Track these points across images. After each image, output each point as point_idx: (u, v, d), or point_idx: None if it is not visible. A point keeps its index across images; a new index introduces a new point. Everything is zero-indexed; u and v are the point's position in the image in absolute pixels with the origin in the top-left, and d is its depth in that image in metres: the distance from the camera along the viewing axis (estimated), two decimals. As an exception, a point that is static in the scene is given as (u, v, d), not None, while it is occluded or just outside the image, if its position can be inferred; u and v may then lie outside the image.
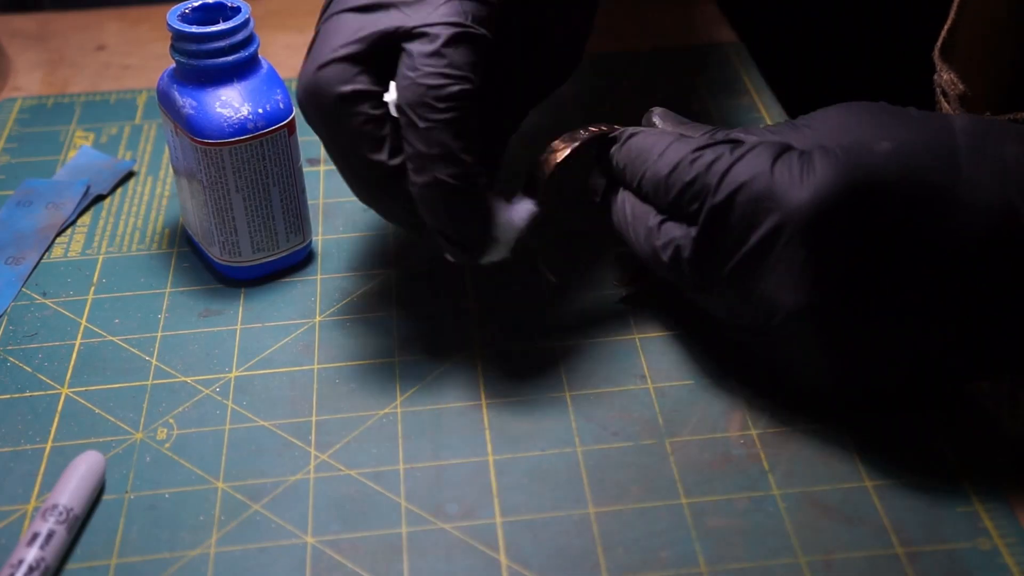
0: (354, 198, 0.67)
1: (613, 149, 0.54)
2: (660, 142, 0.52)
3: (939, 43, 0.56)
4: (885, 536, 0.48)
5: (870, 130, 0.48)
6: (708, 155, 0.50)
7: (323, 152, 0.71)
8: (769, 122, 0.72)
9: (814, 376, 0.51)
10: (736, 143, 0.50)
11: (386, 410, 0.55)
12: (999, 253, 0.47)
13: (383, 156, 0.52)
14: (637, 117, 0.61)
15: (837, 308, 0.48)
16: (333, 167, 0.69)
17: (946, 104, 0.56)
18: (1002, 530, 0.48)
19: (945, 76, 0.55)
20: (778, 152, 0.48)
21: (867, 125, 0.49)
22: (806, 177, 0.47)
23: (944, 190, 0.47)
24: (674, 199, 0.50)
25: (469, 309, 0.60)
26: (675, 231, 0.51)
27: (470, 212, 0.52)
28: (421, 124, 0.50)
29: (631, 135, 0.54)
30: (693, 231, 0.50)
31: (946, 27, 0.55)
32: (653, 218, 0.52)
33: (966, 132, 0.48)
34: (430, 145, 0.50)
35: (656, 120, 0.55)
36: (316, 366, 0.57)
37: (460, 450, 0.53)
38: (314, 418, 0.54)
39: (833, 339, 0.48)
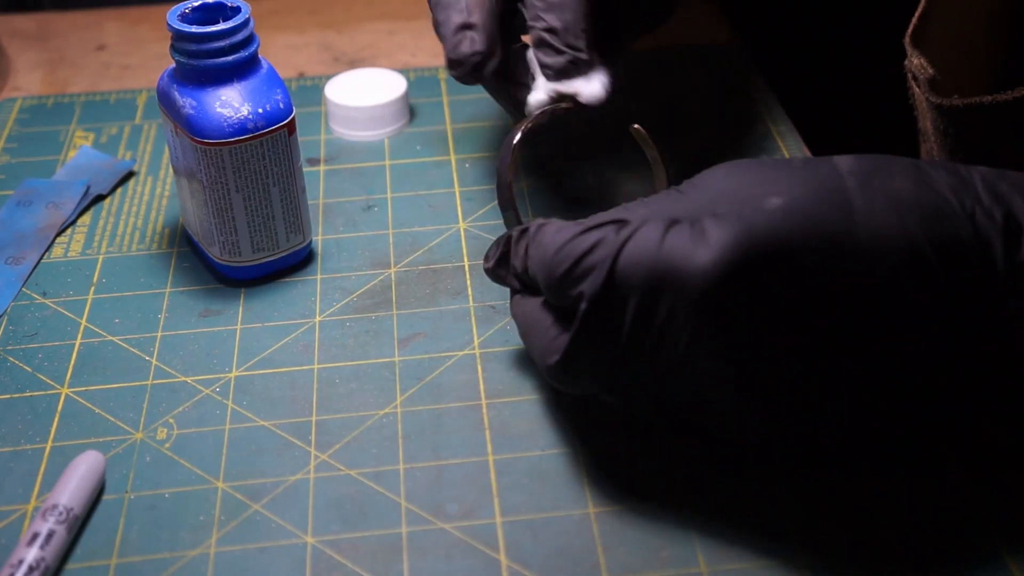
0: (354, 198, 0.67)
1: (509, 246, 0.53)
2: (553, 228, 0.49)
3: (910, 29, 0.56)
4: (885, 536, 0.48)
5: (757, 187, 0.47)
6: (593, 236, 0.47)
7: (323, 152, 0.71)
8: (768, 122, 0.71)
9: (744, 436, 0.49)
10: (621, 223, 0.47)
11: (386, 410, 0.55)
12: (910, 292, 0.45)
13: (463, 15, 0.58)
14: (637, 117, 0.61)
15: (752, 374, 0.46)
16: (333, 167, 0.70)
17: (917, 89, 0.56)
18: (1002, 530, 0.48)
19: (915, 61, 0.55)
20: (667, 226, 0.46)
21: (753, 182, 0.47)
22: (700, 248, 0.45)
23: (842, 236, 0.45)
24: (557, 283, 0.48)
25: (469, 309, 0.60)
26: (561, 338, 0.48)
27: (582, 11, 0.56)
28: None
29: (530, 229, 0.51)
30: (570, 330, 0.47)
31: (917, 13, 0.56)
32: (547, 318, 0.50)
33: (853, 172, 0.47)
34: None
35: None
36: (316, 366, 0.57)
37: (460, 450, 0.53)
38: (314, 418, 0.54)
39: (747, 396, 0.47)
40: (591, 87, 0.58)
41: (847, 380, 0.46)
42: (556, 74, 0.57)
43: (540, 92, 0.58)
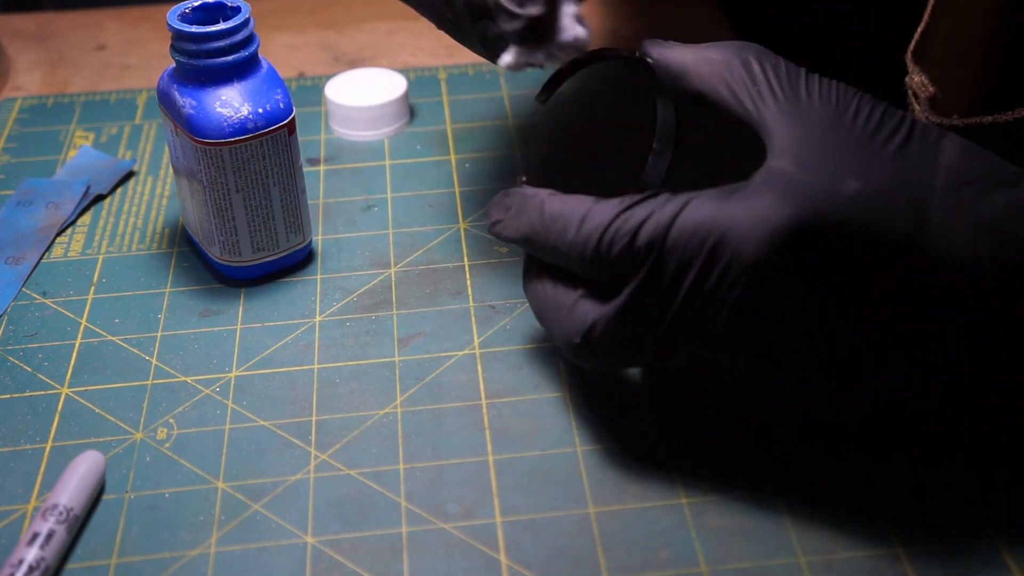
0: (354, 197, 0.67)
1: (501, 228, 0.52)
2: (578, 206, 0.49)
3: (912, 46, 0.56)
4: (885, 536, 0.48)
5: (840, 162, 0.46)
6: (643, 209, 0.47)
7: (323, 152, 0.71)
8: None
9: (764, 409, 0.50)
10: (671, 195, 0.47)
11: (386, 410, 0.55)
12: (962, 311, 0.45)
13: None
14: (637, 117, 0.61)
15: (788, 346, 0.46)
16: (333, 167, 0.70)
17: (916, 106, 0.56)
18: (1002, 530, 0.48)
19: (916, 79, 0.55)
20: (728, 192, 0.46)
21: (838, 153, 0.46)
22: (758, 216, 0.45)
23: (909, 238, 0.45)
24: (614, 260, 0.47)
25: (469, 309, 0.60)
26: (590, 310, 0.48)
27: None
28: None
29: (542, 199, 0.50)
30: (615, 303, 0.48)
31: (919, 30, 0.55)
32: (569, 297, 0.49)
33: (951, 171, 0.46)
34: None
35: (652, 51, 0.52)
36: (316, 366, 0.57)
37: (460, 450, 0.53)
38: (314, 418, 0.54)
39: (782, 377, 0.47)
40: (563, 38, 0.52)
41: (876, 370, 0.47)
42: (518, 40, 0.52)
43: (508, 56, 0.53)
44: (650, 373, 0.54)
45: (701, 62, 0.50)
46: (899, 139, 0.47)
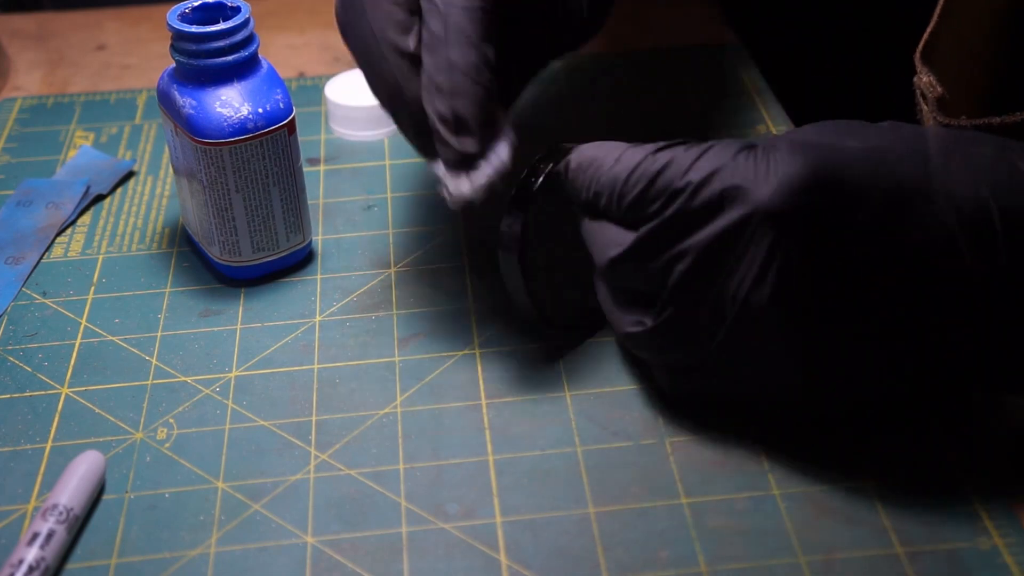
0: (354, 197, 0.67)
1: (564, 165, 0.53)
2: (613, 149, 0.51)
3: (920, 46, 0.56)
4: (885, 536, 0.48)
5: (837, 134, 0.48)
6: (667, 154, 0.49)
7: (323, 152, 0.71)
8: (768, 122, 0.71)
9: (779, 391, 0.50)
10: (694, 144, 0.49)
11: (386, 410, 0.55)
12: (971, 248, 0.46)
13: (408, 42, 0.52)
14: (637, 117, 0.61)
15: (805, 305, 0.47)
16: (333, 167, 0.70)
17: (924, 106, 0.56)
18: (1002, 530, 0.48)
19: (924, 79, 0.55)
20: (741, 147, 0.48)
21: (834, 131, 0.49)
22: (773, 168, 0.46)
23: (915, 183, 0.47)
24: (633, 200, 0.49)
25: (469, 309, 0.60)
26: (624, 237, 0.50)
27: (477, 101, 0.51)
28: (441, 6, 0.51)
29: (578, 149, 0.53)
30: (637, 235, 0.49)
31: (928, 30, 0.56)
32: (607, 231, 0.51)
33: (938, 136, 0.48)
34: (447, 27, 0.51)
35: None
36: (316, 366, 0.57)
37: (460, 450, 0.53)
38: (314, 418, 0.54)
39: (800, 341, 0.48)
40: (475, 181, 0.53)
41: (897, 333, 0.47)
42: (448, 166, 0.53)
43: (438, 169, 0.54)
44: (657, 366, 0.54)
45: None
46: (885, 124, 0.50)
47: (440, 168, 0.53)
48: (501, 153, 0.53)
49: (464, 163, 0.52)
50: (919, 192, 0.46)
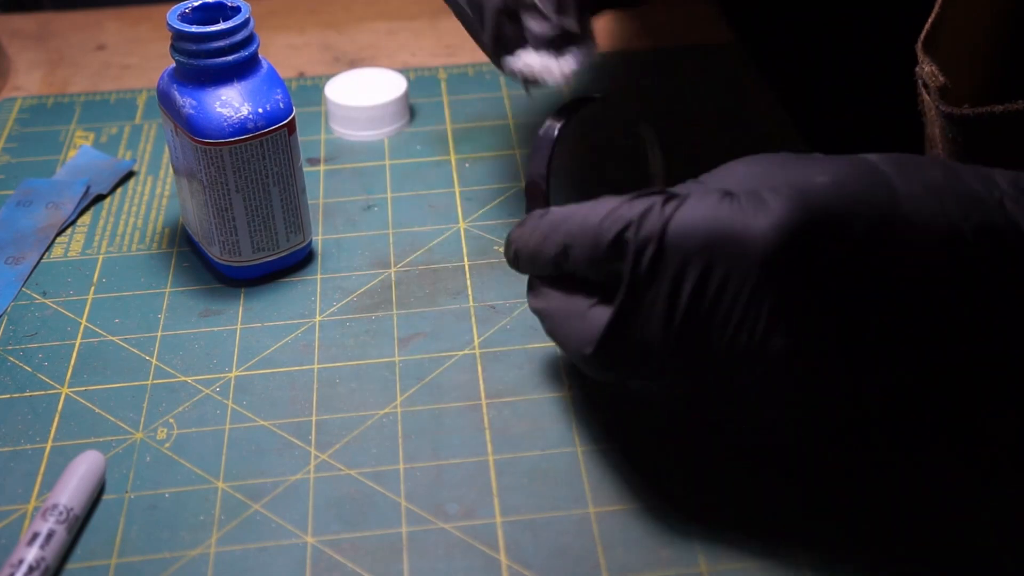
0: (354, 197, 0.67)
1: (517, 235, 0.51)
2: (582, 206, 0.49)
3: (922, 35, 0.56)
4: (885, 536, 0.48)
5: (796, 170, 0.47)
6: (641, 203, 0.46)
7: (323, 152, 0.71)
8: (768, 122, 0.71)
9: (772, 428, 0.49)
10: (667, 194, 0.47)
11: (386, 410, 0.55)
12: (949, 271, 0.46)
13: None
14: (644, 116, 0.61)
15: (809, 347, 0.46)
16: (333, 167, 0.70)
17: (927, 96, 0.56)
18: (1001, 531, 0.48)
19: (927, 68, 0.55)
20: (722, 194, 0.46)
21: (788, 167, 0.47)
22: (760, 214, 0.45)
23: (889, 211, 0.46)
24: (610, 244, 0.46)
25: (469, 309, 0.60)
26: (601, 316, 0.47)
27: None
28: None
29: (549, 210, 0.50)
30: (617, 299, 0.46)
31: (930, 20, 0.56)
32: (582, 305, 0.48)
33: (885, 163, 0.47)
34: None
35: None
36: (316, 366, 0.57)
37: (460, 450, 0.53)
38: (314, 418, 0.54)
39: (803, 380, 0.46)
40: (564, 66, 0.54)
41: (886, 363, 0.47)
42: (540, 43, 0.53)
43: (520, 60, 0.54)
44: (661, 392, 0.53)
45: None
46: (822, 155, 0.48)
47: (522, 59, 0.54)
48: (590, 47, 0.54)
49: (558, 43, 0.53)
50: (894, 217, 0.46)
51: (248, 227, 0.60)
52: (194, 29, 0.57)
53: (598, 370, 0.48)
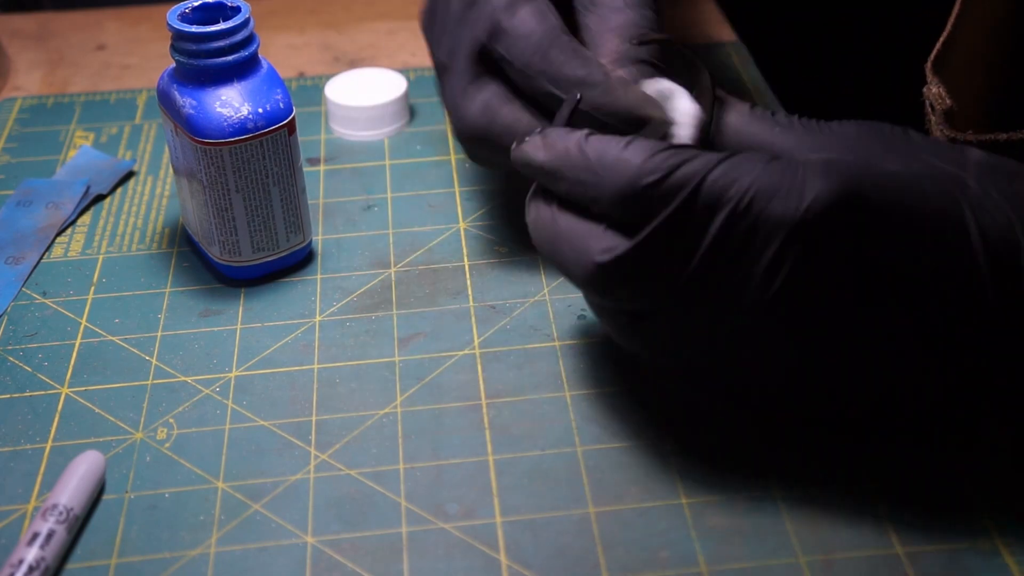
0: (354, 197, 0.67)
1: (532, 149, 0.51)
2: (622, 139, 0.48)
3: (932, 56, 0.55)
4: (885, 536, 0.48)
5: (878, 153, 0.47)
6: (686, 151, 0.47)
7: (323, 152, 0.71)
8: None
9: (766, 398, 0.50)
10: (714, 151, 0.47)
11: (386, 410, 0.55)
12: (996, 287, 0.45)
13: None
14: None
15: (819, 320, 0.46)
16: (333, 167, 0.70)
17: (932, 117, 0.56)
18: (1002, 530, 0.48)
19: (934, 90, 0.55)
20: (770, 157, 0.46)
21: (876, 149, 0.47)
22: (802, 181, 0.45)
23: (948, 214, 0.45)
24: (643, 189, 0.46)
25: (469, 309, 0.60)
26: (616, 241, 0.47)
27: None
28: None
29: (585, 132, 0.50)
30: (642, 233, 0.46)
31: (941, 40, 0.55)
32: (591, 227, 0.48)
33: (979, 164, 0.47)
34: None
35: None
36: (316, 366, 0.57)
37: (460, 450, 0.53)
38: (314, 418, 0.54)
39: (796, 350, 0.47)
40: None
41: (899, 355, 0.47)
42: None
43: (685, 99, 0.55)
44: (658, 363, 0.53)
45: (726, 110, 0.51)
46: (928, 143, 0.48)
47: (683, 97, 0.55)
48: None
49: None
50: (951, 222, 0.45)
51: (248, 227, 0.60)
52: (194, 29, 0.57)
53: (602, 287, 0.48)
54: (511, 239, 0.63)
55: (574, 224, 0.49)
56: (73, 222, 0.67)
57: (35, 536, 0.48)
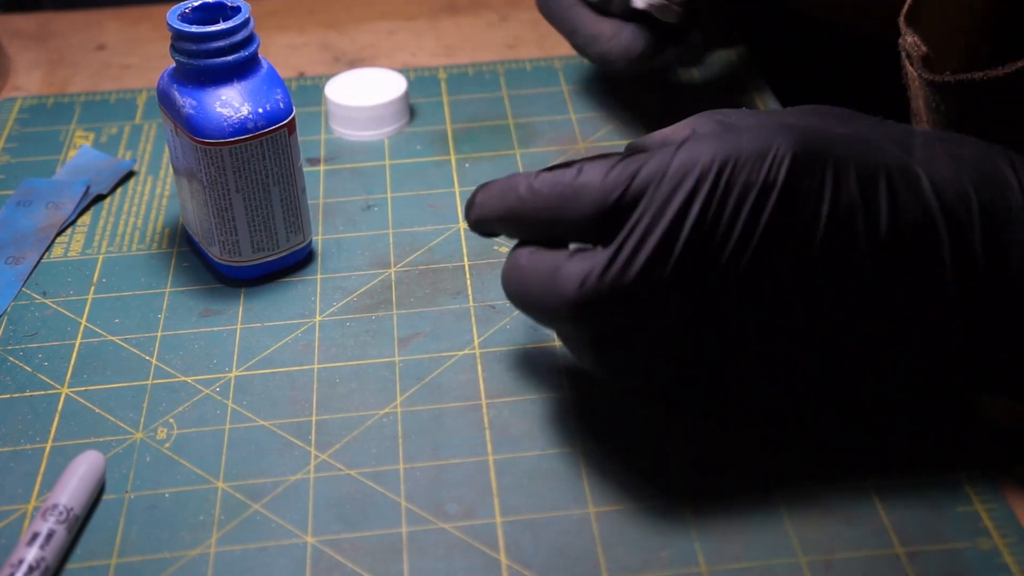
0: (354, 197, 0.67)
1: (482, 206, 0.51)
2: (569, 168, 0.48)
3: (905, 9, 0.56)
4: (885, 536, 0.48)
5: (824, 122, 0.49)
6: (640, 157, 0.47)
7: (323, 152, 0.71)
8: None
9: (748, 384, 0.50)
10: (666, 145, 0.48)
11: (386, 410, 0.55)
12: (949, 233, 0.47)
13: None
14: (637, 116, 0.61)
15: (788, 278, 0.46)
16: (333, 167, 0.70)
17: (910, 66, 0.56)
18: (1002, 530, 0.48)
19: (910, 39, 0.56)
20: (719, 131, 0.48)
21: (821, 119, 0.49)
22: (766, 143, 0.46)
23: (902, 165, 0.47)
24: (610, 211, 0.47)
25: (469, 309, 0.60)
26: (588, 260, 0.47)
27: None
28: None
29: (528, 173, 0.49)
30: (619, 239, 0.46)
31: None
32: (558, 258, 0.48)
33: (924, 135, 0.49)
34: None
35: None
36: (316, 366, 0.57)
37: (460, 450, 0.53)
38: (314, 418, 0.54)
39: (770, 317, 0.47)
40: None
41: (863, 322, 0.47)
42: None
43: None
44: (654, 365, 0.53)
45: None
46: (875, 119, 0.50)
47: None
48: None
49: None
50: (902, 171, 0.47)
51: (248, 227, 0.60)
52: (194, 29, 0.57)
53: (580, 320, 0.47)
54: (511, 239, 0.63)
55: (541, 261, 0.48)
56: (73, 222, 0.67)
57: (35, 536, 0.48)
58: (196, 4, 0.59)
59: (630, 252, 0.46)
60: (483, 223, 0.51)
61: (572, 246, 0.49)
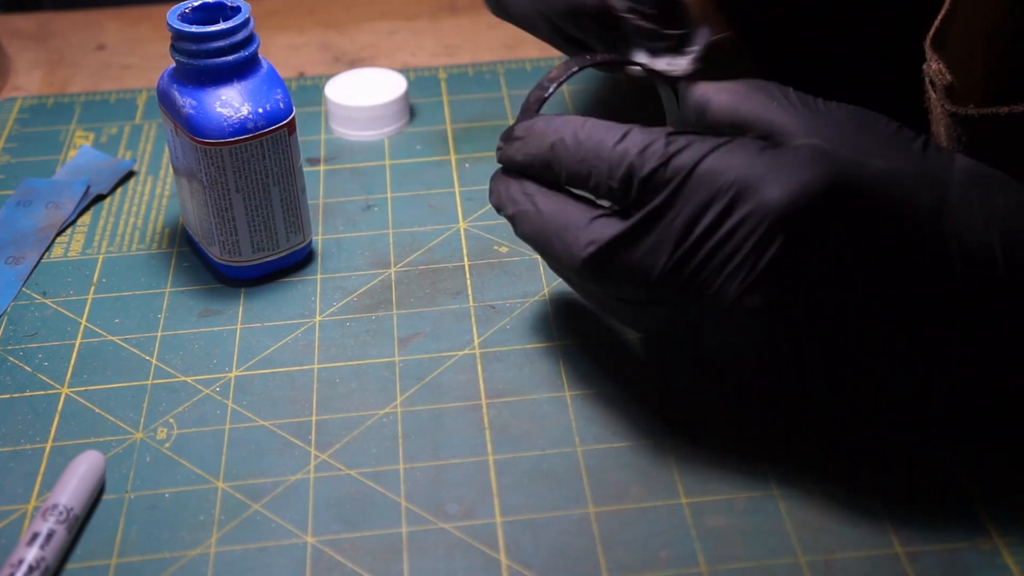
0: (354, 197, 0.67)
1: (550, 143, 0.51)
2: (619, 127, 0.50)
3: (931, 32, 0.56)
4: (885, 536, 0.48)
5: (869, 144, 0.48)
6: (683, 139, 0.48)
7: (323, 152, 0.71)
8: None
9: (745, 374, 0.50)
10: (711, 136, 0.49)
11: (386, 410, 0.55)
12: (970, 294, 0.46)
13: None
14: (636, 116, 0.61)
15: (795, 311, 0.47)
16: (333, 167, 0.70)
17: (933, 94, 0.56)
18: (1002, 530, 0.48)
19: (934, 66, 0.55)
20: (765, 145, 0.48)
21: (870, 137, 0.48)
22: (794, 174, 0.46)
23: (930, 216, 0.46)
24: (642, 180, 0.48)
25: (469, 309, 0.60)
26: (607, 227, 0.49)
27: None
28: None
29: (579, 118, 0.51)
30: (632, 220, 0.48)
31: (940, 16, 0.56)
32: (583, 215, 0.49)
33: (963, 171, 0.48)
34: None
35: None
36: (316, 366, 0.57)
37: (460, 450, 0.53)
38: (314, 418, 0.54)
39: (781, 339, 0.48)
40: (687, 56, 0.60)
41: (882, 354, 0.47)
42: (661, 51, 0.58)
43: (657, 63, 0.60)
44: (652, 345, 0.54)
45: (721, 91, 0.52)
46: (918, 144, 0.49)
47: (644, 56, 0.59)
48: (702, 35, 0.60)
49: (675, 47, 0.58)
50: (931, 225, 0.46)
51: (248, 227, 0.60)
52: (194, 29, 0.57)
53: (589, 276, 0.49)
54: (511, 239, 0.63)
55: (559, 214, 0.50)
56: (73, 222, 0.67)
57: (35, 536, 0.48)
58: (196, 4, 0.59)
59: (637, 236, 0.48)
60: (513, 163, 0.52)
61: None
